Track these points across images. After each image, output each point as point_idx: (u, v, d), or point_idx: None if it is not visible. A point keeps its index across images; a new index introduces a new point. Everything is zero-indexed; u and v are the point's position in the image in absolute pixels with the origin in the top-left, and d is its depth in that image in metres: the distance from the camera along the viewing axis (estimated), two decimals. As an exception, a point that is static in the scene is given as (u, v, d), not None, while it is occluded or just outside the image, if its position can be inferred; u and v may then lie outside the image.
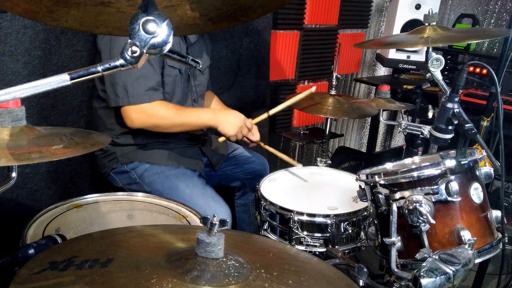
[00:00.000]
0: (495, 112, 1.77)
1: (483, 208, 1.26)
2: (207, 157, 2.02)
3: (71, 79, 0.67)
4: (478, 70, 2.97)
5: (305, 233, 1.59)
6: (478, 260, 1.21)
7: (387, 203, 1.27)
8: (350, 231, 1.62)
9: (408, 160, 1.53)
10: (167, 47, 0.70)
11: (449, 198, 1.19)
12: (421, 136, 1.50)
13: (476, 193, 1.24)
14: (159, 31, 0.68)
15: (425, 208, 1.17)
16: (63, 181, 2.01)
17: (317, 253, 1.58)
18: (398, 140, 4.32)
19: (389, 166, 1.48)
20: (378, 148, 4.11)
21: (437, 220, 1.19)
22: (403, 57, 3.18)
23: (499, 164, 1.35)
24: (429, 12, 1.54)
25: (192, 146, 1.96)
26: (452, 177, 1.19)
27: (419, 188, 1.22)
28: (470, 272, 1.17)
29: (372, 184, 1.32)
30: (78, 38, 1.89)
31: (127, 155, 1.82)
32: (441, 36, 1.50)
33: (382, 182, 1.29)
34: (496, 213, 1.29)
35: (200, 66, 0.82)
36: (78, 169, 2.06)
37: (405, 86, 3.10)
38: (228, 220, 0.78)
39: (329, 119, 2.38)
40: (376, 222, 1.36)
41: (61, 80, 0.67)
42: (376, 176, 1.30)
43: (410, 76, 3.38)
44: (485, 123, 2.21)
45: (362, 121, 4.12)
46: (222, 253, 0.77)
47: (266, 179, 1.89)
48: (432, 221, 1.17)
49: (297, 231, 1.59)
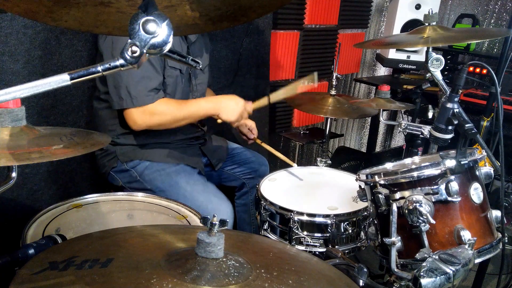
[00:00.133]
0: (495, 112, 1.77)
1: (483, 208, 1.26)
2: (207, 157, 2.02)
3: (71, 79, 0.67)
4: (478, 70, 2.97)
5: (305, 233, 1.59)
6: (478, 260, 1.21)
7: (387, 203, 1.27)
8: (350, 231, 1.62)
9: (408, 160, 1.53)
10: (167, 47, 0.70)
11: (449, 198, 1.19)
12: (421, 136, 1.50)
13: (476, 193, 1.24)
14: (159, 31, 0.68)
15: (425, 208, 1.17)
16: (63, 181, 2.00)
17: (317, 253, 1.58)
18: (398, 140, 4.32)
19: (389, 166, 1.48)
20: (378, 148, 4.11)
21: (437, 220, 1.19)
22: (403, 57, 3.18)
23: (499, 164, 1.35)
24: (429, 12, 1.54)
25: (192, 146, 1.96)
26: (452, 177, 1.19)
27: (419, 188, 1.22)
28: (470, 272, 1.17)
29: (372, 184, 1.32)
30: (78, 38, 1.89)
31: (127, 154, 1.82)
32: (441, 36, 1.50)
33: (382, 182, 1.29)
34: (496, 213, 1.29)
35: (200, 66, 0.82)
36: (78, 169, 2.06)
37: (405, 86, 3.10)
38: (228, 220, 0.78)
39: (329, 119, 2.38)
40: (376, 222, 1.36)
41: (61, 80, 0.67)
42: (376, 176, 1.30)
43: (410, 76, 3.38)
44: (485, 123, 2.21)
45: (362, 121, 4.12)
46: (222, 253, 0.77)
47: (266, 179, 1.89)
48: (432, 221, 1.17)
49: (297, 231, 1.59)
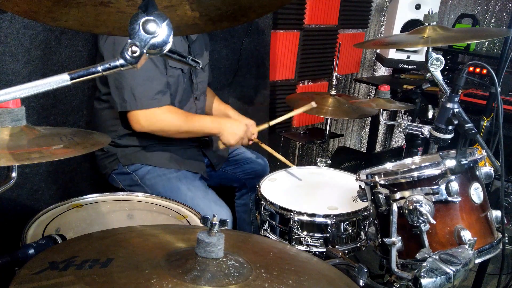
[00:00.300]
0: (495, 112, 1.77)
1: (483, 208, 1.26)
2: (208, 157, 2.02)
3: (71, 79, 0.67)
4: (478, 70, 2.97)
5: (305, 233, 1.59)
6: (478, 260, 1.21)
7: (387, 203, 1.27)
8: (350, 231, 1.61)
9: (408, 160, 1.53)
10: (167, 47, 0.70)
11: (449, 198, 1.19)
12: (421, 136, 1.50)
13: (476, 193, 1.24)
14: (159, 31, 0.68)
15: (425, 208, 1.17)
16: (63, 181, 2.00)
17: (317, 253, 1.58)
18: (398, 140, 4.32)
19: (389, 166, 1.48)
20: (378, 148, 4.11)
21: (437, 220, 1.19)
22: (403, 57, 3.18)
23: (499, 164, 1.35)
24: (429, 12, 1.53)
25: (192, 147, 1.96)
26: (452, 177, 1.19)
27: (419, 188, 1.22)
28: (470, 272, 1.17)
29: (372, 184, 1.32)
30: (78, 38, 1.89)
31: (128, 157, 1.82)
32: (441, 36, 1.50)
33: (382, 182, 1.29)
34: (496, 213, 1.29)
35: (201, 65, 0.82)
36: (78, 169, 2.05)
37: (405, 86, 3.10)
38: (228, 220, 0.78)
39: (329, 119, 2.38)
40: (376, 222, 1.36)
41: (61, 80, 0.67)
42: (376, 176, 1.30)
43: (410, 76, 3.38)
44: (485, 123, 2.21)
45: (362, 121, 4.12)
46: (222, 253, 0.77)
47: (266, 179, 1.89)
48: (432, 221, 1.17)
49: (297, 231, 1.59)
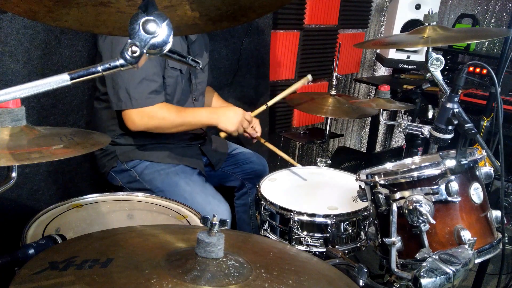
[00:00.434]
0: (495, 112, 1.77)
1: (483, 208, 1.26)
2: (207, 157, 2.02)
3: (71, 79, 0.67)
4: (478, 70, 2.97)
5: (305, 233, 1.59)
6: (478, 260, 1.21)
7: (387, 203, 1.27)
8: (350, 231, 1.61)
9: (408, 160, 1.53)
10: (167, 47, 0.70)
11: (449, 198, 1.19)
12: (421, 136, 1.50)
13: (476, 193, 1.24)
14: (159, 31, 0.68)
15: (425, 208, 1.17)
16: (63, 181, 2.00)
17: (317, 253, 1.58)
18: (398, 140, 4.32)
19: (389, 166, 1.48)
20: (378, 148, 4.11)
21: (437, 220, 1.19)
22: (403, 57, 3.18)
23: (499, 164, 1.35)
24: (429, 12, 1.54)
25: (192, 146, 1.96)
26: (452, 177, 1.19)
27: (419, 188, 1.22)
28: (470, 272, 1.17)
29: (372, 184, 1.32)
30: (78, 38, 1.89)
31: (127, 154, 1.82)
32: (441, 36, 1.50)
33: (382, 182, 1.29)
34: (496, 213, 1.29)
35: (200, 65, 0.82)
36: (78, 169, 2.05)
37: (405, 86, 3.10)
38: (228, 220, 0.78)
39: (329, 119, 2.38)
40: (376, 222, 1.36)
41: (61, 80, 0.67)
42: (376, 176, 1.30)
43: (410, 76, 3.38)
44: (485, 123, 2.21)
45: (362, 121, 4.12)
46: (222, 253, 0.77)
47: (266, 179, 1.89)
48: (432, 221, 1.17)
49: (297, 231, 1.59)
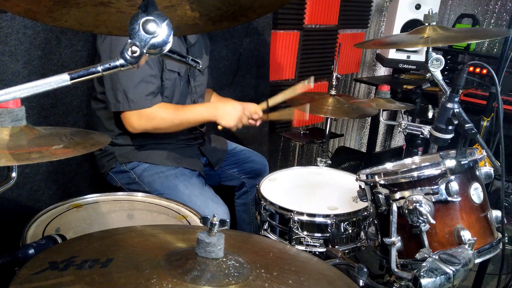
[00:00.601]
0: (495, 112, 1.77)
1: (483, 208, 1.26)
2: (206, 157, 2.02)
3: (71, 79, 0.67)
4: (478, 70, 2.97)
5: (305, 233, 1.59)
6: (478, 260, 1.21)
7: (387, 203, 1.27)
8: (350, 231, 1.62)
9: (408, 160, 1.53)
10: (167, 47, 0.69)
11: (449, 198, 1.19)
12: (421, 136, 1.50)
13: (476, 193, 1.24)
14: (159, 31, 0.68)
15: (425, 208, 1.17)
16: (63, 181, 2.00)
17: (317, 253, 1.58)
18: (398, 140, 4.32)
19: (389, 166, 1.48)
20: (378, 148, 4.11)
21: (437, 220, 1.19)
22: (403, 57, 3.18)
23: (499, 164, 1.35)
24: (429, 12, 1.53)
25: (191, 146, 1.96)
26: (452, 177, 1.19)
27: (419, 188, 1.22)
28: (470, 272, 1.17)
29: (372, 184, 1.32)
30: (78, 38, 1.89)
31: (126, 155, 1.82)
32: (441, 36, 1.50)
33: (382, 182, 1.29)
34: (496, 213, 1.29)
35: (200, 66, 0.82)
36: (78, 169, 2.05)
37: (405, 86, 3.10)
38: (227, 220, 0.78)
39: (329, 119, 2.38)
40: (376, 222, 1.36)
41: (61, 80, 0.67)
42: (376, 176, 1.30)
43: (410, 76, 3.38)
44: (485, 123, 2.21)
45: (362, 121, 4.12)
46: (222, 253, 0.77)
47: (266, 179, 1.89)
48: (432, 221, 1.17)
49: (297, 231, 1.59)
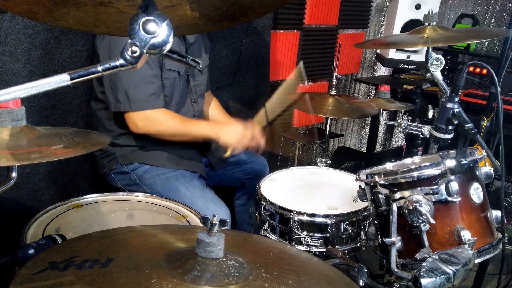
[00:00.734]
0: (495, 112, 1.77)
1: (483, 208, 1.26)
2: (207, 157, 2.02)
3: (71, 79, 0.67)
4: (478, 70, 2.96)
5: (305, 233, 1.59)
6: (478, 260, 1.21)
7: (387, 203, 1.27)
8: (350, 231, 1.61)
9: (408, 160, 1.53)
10: (167, 47, 0.69)
11: (449, 198, 1.19)
12: (421, 136, 1.50)
13: (476, 193, 1.24)
14: (159, 31, 0.68)
15: (425, 208, 1.17)
16: (63, 181, 2.00)
17: (317, 253, 1.58)
18: (398, 140, 4.32)
19: (389, 166, 1.48)
20: (378, 148, 4.11)
21: (437, 220, 1.19)
22: (403, 57, 3.18)
23: (499, 164, 1.35)
24: (429, 12, 1.53)
25: (191, 147, 1.96)
26: (452, 177, 1.19)
27: (419, 188, 1.22)
28: (470, 272, 1.17)
29: (372, 184, 1.32)
30: (78, 38, 1.89)
31: (126, 156, 1.82)
32: (441, 36, 1.50)
33: (382, 182, 1.29)
34: (496, 213, 1.29)
35: (200, 66, 0.82)
36: (78, 169, 2.05)
37: (405, 86, 3.10)
38: (228, 220, 0.78)
39: (329, 119, 2.38)
40: (376, 222, 1.36)
41: (61, 80, 0.67)
42: (376, 176, 1.30)
43: (410, 76, 3.38)
44: (485, 123, 2.21)
45: (362, 121, 4.12)
46: (222, 253, 0.77)
47: (266, 179, 1.89)
48: (432, 221, 1.17)
49: (297, 231, 1.59)
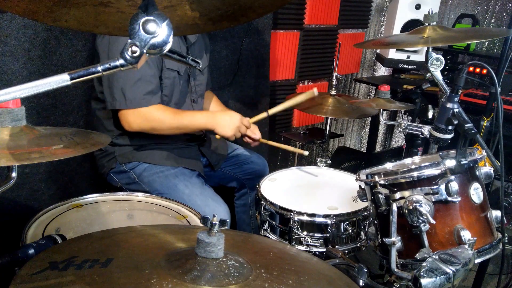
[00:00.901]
0: (495, 112, 1.77)
1: (483, 208, 1.26)
2: (206, 157, 2.02)
3: (71, 79, 0.67)
4: (478, 70, 2.96)
5: (305, 233, 1.59)
6: (478, 260, 1.21)
7: (387, 203, 1.27)
8: (350, 231, 1.61)
9: (408, 160, 1.53)
10: (167, 47, 0.70)
11: (449, 198, 1.19)
12: (421, 136, 1.50)
13: (476, 193, 1.24)
14: (159, 31, 0.68)
15: (425, 208, 1.17)
16: (63, 181, 2.00)
17: (317, 253, 1.58)
18: (398, 140, 4.32)
19: (389, 166, 1.48)
20: (378, 148, 4.11)
21: (437, 220, 1.19)
22: (403, 57, 3.18)
23: (499, 164, 1.35)
24: (429, 12, 1.54)
25: (191, 146, 1.96)
26: (452, 177, 1.19)
27: (419, 188, 1.22)
28: (470, 272, 1.17)
29: (372, 184, 1.32)
30: (78, 38, 1.89)
31: (125, 155, 1.82)
32: (441, 36, 1.50)
33: (382, 182, 1.29)
34: (496, 213, 1.29)
35: (200, 66, 0.82)
36: (78, 169, 2.05)
37: (405, 86, 3.10)
38: (227, 220, 0.78)
39: (329, 119, 2.38)
40: (376, 222, 1.37)
41: (61, 80, 0.67)
42: (376, 176, 1.30)
43: (410, 76, 3.38)
44: (485, 123, 2.21)
45: (362, 121, 4.12)
46: (222, 253, 0.77)
47: (266, 179, 1.89)
48: (432, 221, 1.17)
49: (297, 231, 1.59)
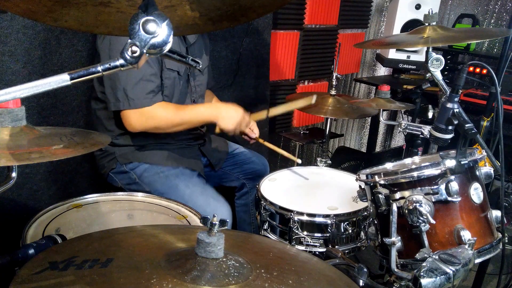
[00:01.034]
0: (495, 112, 1.77)
1: (483, 208, 1.26)
2: (207, 157, 2.02)
3: (71, 79, 0.67)
4: (478, 70, 2.97)
5: (305, 233, 1.59)
6: (478, 260, 1.21)
7: (387, 203, 1.27)
8: (350, 231, 1.61)
9: (408, 160, 1.53)
10: (167, 47, 0.70)
11: (449, 198, 1.19)
12: (421, 136, 1.50)
13: (476, 193, 1.24)
14: (159, 31, 0.68)
15: (425, 208, 1.17)
16: (63, 181, 2.00)
17: (317, 253, 1.58)
18: (398, 140, 4.32)
19: (389, 166, 1.48)
20: (378, 148, 4.11)
21: (437, 220, 1.19)
22: (403, 57, 3.18)
23: (499, 164, 1.35)
24: (429, 12, 1.54)
25: (191, 146, 1.96)
26: (452, 177, 1.19)
27: (419, 188, 1.22)
28: (470, 272, 1.17)
29: (372, 184, 1.32)
30: (78, 38, 1.89)
31: (126, 156, 1.82)
32: (441, 36, 1.50)
33: (382, 182, 1.29)
34: (496, 213, 1.29)
35: (200, 66, 0.82)
36: (78, 169, 2.05)
37: (405, 86, 3.10)
38: (228, 220, 0.78)
39: (329, 119, 2.38)
40: (376, 222, 1.37)
41: (61, 80, 0.67)
42: (376, 176, 1.30)
43: (410, 76, 3.38)
44: (485, 123, 2.21)
45: (362, 121, 4.12)
46: (222, 253, 0.77)
47: (266, 179, 1.89)
48: (432, 221, 1.17)
49: (297, 231, 1.59)
